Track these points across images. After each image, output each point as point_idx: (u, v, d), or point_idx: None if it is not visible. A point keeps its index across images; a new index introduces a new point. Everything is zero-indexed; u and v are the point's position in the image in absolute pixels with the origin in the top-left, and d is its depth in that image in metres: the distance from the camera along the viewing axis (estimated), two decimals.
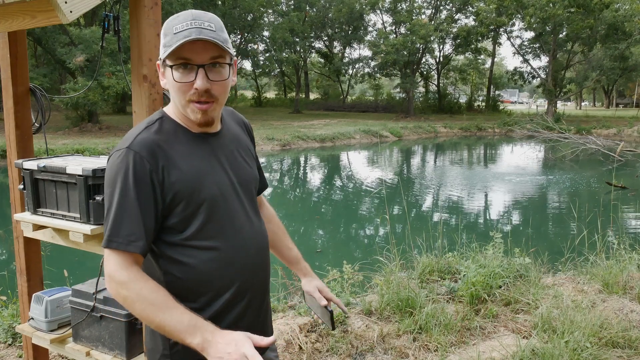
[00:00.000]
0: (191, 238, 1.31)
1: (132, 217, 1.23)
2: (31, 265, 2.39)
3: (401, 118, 34.59)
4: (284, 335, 3.18)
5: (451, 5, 38.34)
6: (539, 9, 29.62)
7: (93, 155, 3.93)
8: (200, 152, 1.34)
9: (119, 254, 1.23)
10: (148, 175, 1.25)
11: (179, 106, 1.33)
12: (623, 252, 4.40)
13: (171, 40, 1.25)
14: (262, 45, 38.05)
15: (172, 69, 1.27)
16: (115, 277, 1.22)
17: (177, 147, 1.31)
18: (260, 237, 1.46)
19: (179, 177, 1.28)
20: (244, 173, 1.44)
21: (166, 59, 1.27)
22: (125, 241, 1.23)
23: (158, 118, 1.35)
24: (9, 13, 1.73)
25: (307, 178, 17.04)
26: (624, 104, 58.72)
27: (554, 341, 3.03)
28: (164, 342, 1.35)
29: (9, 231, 2.84)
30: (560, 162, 17.62)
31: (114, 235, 1.23)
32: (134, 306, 1.21)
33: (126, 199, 1.23)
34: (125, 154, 1.25)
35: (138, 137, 1.28)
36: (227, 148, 1.41)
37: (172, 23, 1.27)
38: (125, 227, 1.23)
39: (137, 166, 1.24)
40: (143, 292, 1.21)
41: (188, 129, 1.35)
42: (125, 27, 10.81)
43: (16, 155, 2.28)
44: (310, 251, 8.25)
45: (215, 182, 1.34)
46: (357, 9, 37.94)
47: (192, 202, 1.29)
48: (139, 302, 1.20)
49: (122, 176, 1.24)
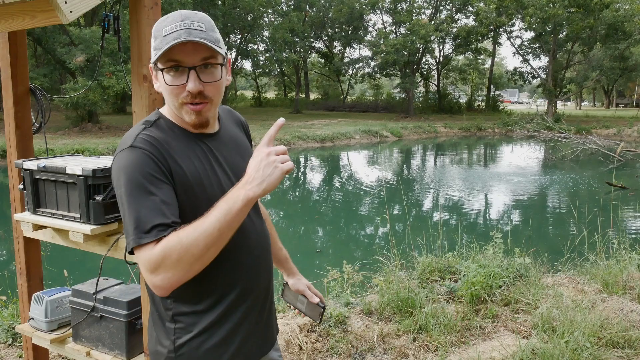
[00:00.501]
0: None
1: (154, 210, 1.17)
2: (31, 265, 2.39)
3: (401, 118, 34.59)
4: (284, 335, 3.18)
5: (451, 5, 38.36)
6: (539, 9, 29.63)
7: (93, 155, 3.94)
8: (199, 152, 1.33)
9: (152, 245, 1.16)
10: (159, 167, 1.22)
11: (173, 109, 1.32)
12: (623, 252, 4.40)
13: (161, 43, 1.23)
14: (262, 45, 38.07)
15: (164, 72, 1.26)
16: (157, 260, 1.13)
17: (176, 147, 1.29)
18: (263, 237, 1.45)
19: (180, 177, 1.26)
20: (243, 172, 1.43)
21: (157, 62, 1.25)
22: (154, 234, 1.15)
23: (155, 119, 1.33)
24: (9, 13, 1.73)
25: (307, 178, 17.04)
26: (624, 104, 58.72)
27: (554, 341, 3.03)
28: (170, 345, 1.33)
29: (9, 231, 2.84)
30: (560, 162, 17.63)
31: (141, 232, 1.15)
32: (193, 251, 1.11)
33: (142, 194, 1.18)
34: (129, 152, 1.22)
35: (139, 136, 1.26)
36: (225, 148, 1.40)
37: (161, 25, 1.25)
38: (150, 221, 1.16)
39: (145, 160, 1.21)
40: (180, 235, 1.13)
41: (185, 129, 1.34)
42: (125, 27, 10.79)
43: (16, 155, 2.28)
44: (310, 251, 8.25)
45: (216, 183, 1.33)
46: (357, 9, 37.96)
47: (192, 204, 1.27)
48: (187, 242, 1.11)
49: (132, 173, 1.20)
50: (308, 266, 6.90)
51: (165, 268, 1.12)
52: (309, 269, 6.49)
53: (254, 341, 1.42)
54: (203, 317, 1.32)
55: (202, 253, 1.12)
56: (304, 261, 7.32)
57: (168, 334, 1.34)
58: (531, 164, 19.14)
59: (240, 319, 1.37)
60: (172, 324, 1.33)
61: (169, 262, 1.12)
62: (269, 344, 1.50)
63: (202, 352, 1.33)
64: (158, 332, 1.37)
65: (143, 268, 1.15)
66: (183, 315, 1.33)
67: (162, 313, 1.36)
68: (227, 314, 1.34)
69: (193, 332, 1.32)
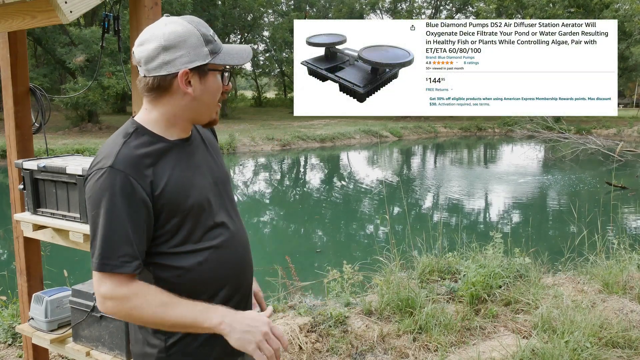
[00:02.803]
0: (180, 244, 1.31)
1: (124, 239, 1.21)
2: (31, 265, 2.39)
3: (401, 118, 34.57)
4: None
5: (451, 5, 38.38)
6: (539, 9, 29.65)
7: (93, 155, 3.93)
8: (180, 160, 1.33)
9: (114, 275, 1.22)
10: (137, 194, 1.22)
11: (202, 111, 1.34)
12: (623, 252, 4.40)
13: (216, 46, 1.30)
14: (262, 45, 38.07)
15: (222, 74, 1.34)
16: (116, 295, 1.22)
17: (157, 160, 1.29)
18: (242, 233, 1.47)
19: (165, 190, 1.27)
20: (220, 172, 1.46)
21: (208, 65, 1.29)
22: (119, 263, 1.21)
23: (133, 130, 1.31)
24: (9, 13, 1.74)
25: (307, 178, 17.04)
26: (624, 104, 58.63)
27: (554, 341, 3.03)
28: (161, 344, 1.35)
29: (9, 231, 2.84)
30: (560, 162, 17.61)
31: (106, 258, 1.21)
32: (143, 314, 1.22)
33: (116, 220, 1.20)
34: (109, 173, 1.21)
35: (119, 154, 1.24)
36: (201, 151, 1.42)
37: (204, 30, 1.29)
38: (118, 248, 1.21)
39: (125, 186, 1.21)
40: (149, 297, 1.22)
41: (165, 137, 1.33)
42: (125, 27, 10.80)
43: (16, 155, 2.28)
44: (310, 251, 8.25)
45: (199, 188, 1.34)
46: (357, 9, 37.99)
47: (179, 212, 1.29)
48: (147, 308, 1.21)
49: (109, 197, 1.20)
50: (308, 266, 6.90)
51: (121, 306, 1.23)
52: (309, 269, 6.50)
53: None
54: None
55: (150, 320, 1.25)
56: (304, 261, 7.32)
57: (157, 334, 1.34)
58: (531, 164, 19.15)
59: None
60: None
61: (126, 307, 1.22)
62: None
63: (193, 350, 1.35)
64: (144, 333, 1.37)
65: (101, 290, 1.23)
66: None
67: None
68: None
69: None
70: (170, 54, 1.25)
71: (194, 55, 1.26)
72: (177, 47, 1.24)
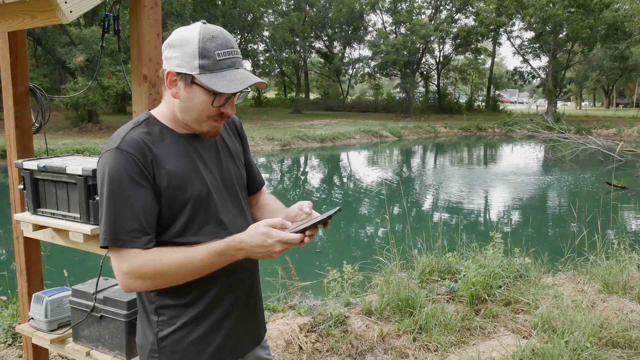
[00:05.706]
0: (176, 235, 1.34)
1: (131, 215, 1.26)
2: (31, 265, 2.39)
3: (401, 118, 34.57)
4: (284, 335, 3.18)
5: (451, 5, 38.34)
6: (539, 9, 29.62)
7: (93, 155, 3.93)
8: (186, 152, 1.37)
9: (128, 250, 1.26)
10: (140, 172, 1.28)
11: (189, 119, 1.35)
12: (623, 252, 4.40)
13: (213, 65, 1.27)
14: (262, 45, 38.08)
15: (215, 96, 1.30)
16: (134, 270, 1.25)
17: (162, 148, 1.34)
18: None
19: (165, 176, 1.31)
20: (228, 173, 1.47)
21: (198, 79, 1.28)
22: (130, 238, 1.25)
23: (144, 119, 1.38)
24: (9, 13, 1.74)
25: (307, 178, 17.04)
26: (624, 104, 58.69)
27: (554, 341, 3.03)
28: (153, 337, 1.38)
29: (9, 231, 2.84)
30: (560, 162, 17.62)
31: (118, 233, 1.25)
32: (168, 276, 1.26)
33: (122, 197, 1.26)
34: (114, 153, 1.28)
35: (126, 136, 1.31)
36: (211, 149, 1.44)
37: (209, 45, 1.27)
38: (127, 225, 1.25)
39: (128, 164, 1.26)
40: (164, 253, 1.26)
41: (174, 130, 1.38)
42: (125, 27, 10.80)
43: (16, 155, 2.28)
44: (310, 251, 8.24)
45: (200, 181, 1.37)
46: (357, 9, 37.94)
47: (177, 201, 1.33)
48: (169, 261, 1.25)
49: (115, 175, 1.26)
50: (308, 266, 6.90)
51: (143, 281, 1.27)
52: (309, 269, 6.49)
53: (237, 337, 1.46)
54: (186, 310, 1.37)
55: (177, 278, 1.29)
56: (304, 261, 7.31)
57: (151, 326, 1.38)
58: (531, 164, 19.14)
59: (223, 315, 1.42)
60: (156, 317, 1.38)
61: (147, 275, 1.26)
62: (254, 342, 1.54)
63: (184, 345, 1.37)
64: (143, 324, 1.42)
65: (120, 266, 1.26)
66: (166, 308, 1.37)
67: (146, 305, 1.40)
68: (209, 308, 1.39)
69: (176, 324, 1.37)
70: (170, 52, 1.32)
71: (184, 62, 1.29)
72: (176, 48, 1.31)
